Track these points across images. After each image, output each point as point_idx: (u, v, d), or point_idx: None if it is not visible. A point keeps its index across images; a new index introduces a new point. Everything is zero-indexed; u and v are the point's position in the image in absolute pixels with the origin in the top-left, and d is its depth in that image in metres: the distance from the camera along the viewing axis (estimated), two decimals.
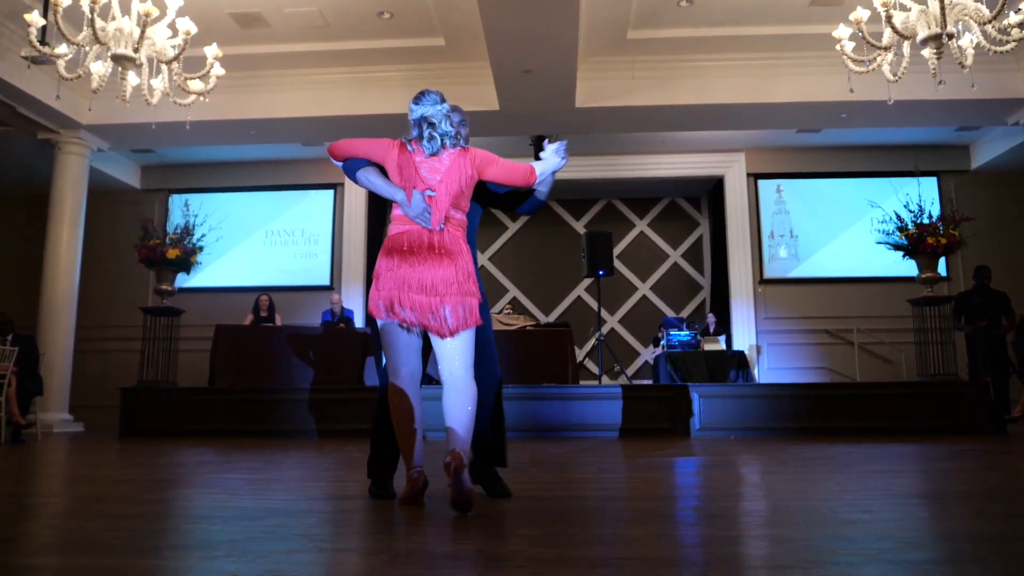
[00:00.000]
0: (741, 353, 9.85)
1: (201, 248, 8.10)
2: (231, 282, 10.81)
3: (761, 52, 8.15)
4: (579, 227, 12.21)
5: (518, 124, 8.89)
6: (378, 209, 11.39)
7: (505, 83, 7.79)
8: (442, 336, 2.60)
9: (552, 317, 11.94)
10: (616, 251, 12.03)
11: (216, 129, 8.89)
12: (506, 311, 9.97)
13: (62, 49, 5.65)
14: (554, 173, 2.99)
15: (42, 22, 5.39)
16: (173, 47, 5.70)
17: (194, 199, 11.08)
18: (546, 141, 3.22)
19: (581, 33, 7.61)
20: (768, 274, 10.59)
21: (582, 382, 9.43)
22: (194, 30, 5.66)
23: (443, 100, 2.76)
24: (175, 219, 10.99)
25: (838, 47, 5.76)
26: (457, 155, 2.70)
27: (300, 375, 8.13)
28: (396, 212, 2.71)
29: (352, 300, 10.70)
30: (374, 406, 3.05)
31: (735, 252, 10.60)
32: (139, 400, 7.47)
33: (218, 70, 6.08)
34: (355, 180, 2.78)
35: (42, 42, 5.79)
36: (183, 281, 10.75)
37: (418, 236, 2.60)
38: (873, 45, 5.48)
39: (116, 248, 10.45)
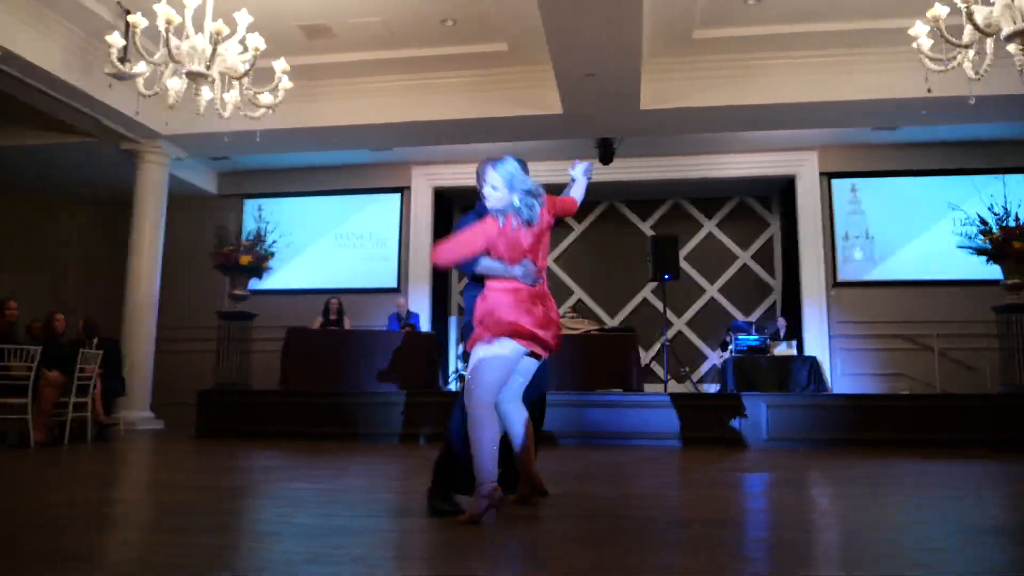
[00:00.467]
0: (813, 359, 9.57)
1: (272, 254, 8.34)
2: (302, 284, 11.07)
3: (832, 49, 7.88)
4: (645, 228, 12.05)
5: (582, 127, 8.83)
6: (443, 212, 11.49)
7: (568, 87, 7.74)
8: (539, 358, 3.07)
9: (617, 320, 11.84)
10: (683, 252, 11.83)
11: (286, 137, 9.11)
12: (569, 314, 9.93)
13: (141, 67, 5.89)
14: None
15: (122, 42, 5.62)
16: (243, 63, 5.87)
17: (267, 204, 11.45)
18: (576, 162, 3.39)
19: (645, 35, 7.51)
20: (842, 277, 10.24)
21: (647, 387, 9.34)
22: (263, 46, 5.81)
23: (522, 163, 3.13)
24: (249, 224, 11.36)
25: (914, 45, 5.50)
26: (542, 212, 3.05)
27: (368, 378, 8.28)
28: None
29: (418, 302, 10.84)
30: (453, 422, 3.14)
31: (807, 254, 10.28)
32: (214, 401, 7.76)
33: (286, 83, 6.23)
34: (476, 274, 3.05)
35: (122, 60, 6.06)
36: (256, 284, 11.10)
37: (528, 289, 2.97)
38: (952, 43, 5.22)
39: (195, 252, 10.82)
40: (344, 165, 11.20)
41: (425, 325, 10.72)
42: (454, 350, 11.43)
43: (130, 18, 5.43)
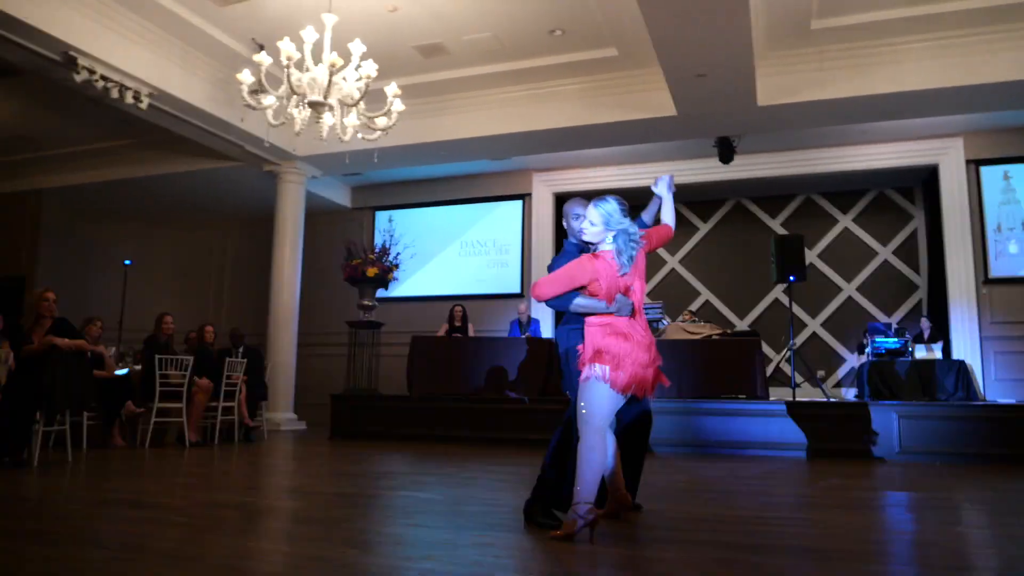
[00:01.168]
0: (961, 363, 8.86)
1: (397, 265, 8.76)
2: (430, 291, 11.53)
3: (968, 28, 7.27)
4: (775, 225, 11.59)
5: (698, 127, 8.65)
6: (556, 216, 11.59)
7: (680, 88, 7.62)
8: (640, 396, 3.13)
9: (747, 321, 11.47)
10: (817, 249, 11.31)
11: (408, 152, 9.54)
12: (686, 318, 9.75)
13: (269, 100, 6.40)
14: None
15: (251, 79, 6.12)
16: (358, 90, 6.24)
17: (397, 215, 12.02)
18: (656, 179, 3.37)
19: (760, 29, 7.27)
20: (994, 273, 9.39)
21: (775, 394, 9.00)
22: (374, 73, 6.15)
23: (622, 204, 3.18)
24: (380, 235, 11.97)
25: None
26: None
27: (490, 383, 8.52)
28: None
29: (541, 308, 10.99)
30: (558, 442, 3.33)
31: (953, 249, 9.51)
32: (346, 405, 8.27)
33: (398, 106, 6.54)
34: (571, 311, 3.14)
35: (256, 93, 6.59)
36: (385, 292, 11.68)
37: (628, 322, 3.05)
38: None
39: (332, 263, 11.52)
40: (467, 175, 11.55)
41: (547, 331, 10.87)
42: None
43: (255, 57, 5.91)
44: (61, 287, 11.12)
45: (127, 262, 10.34)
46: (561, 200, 11.55)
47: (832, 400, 7.50)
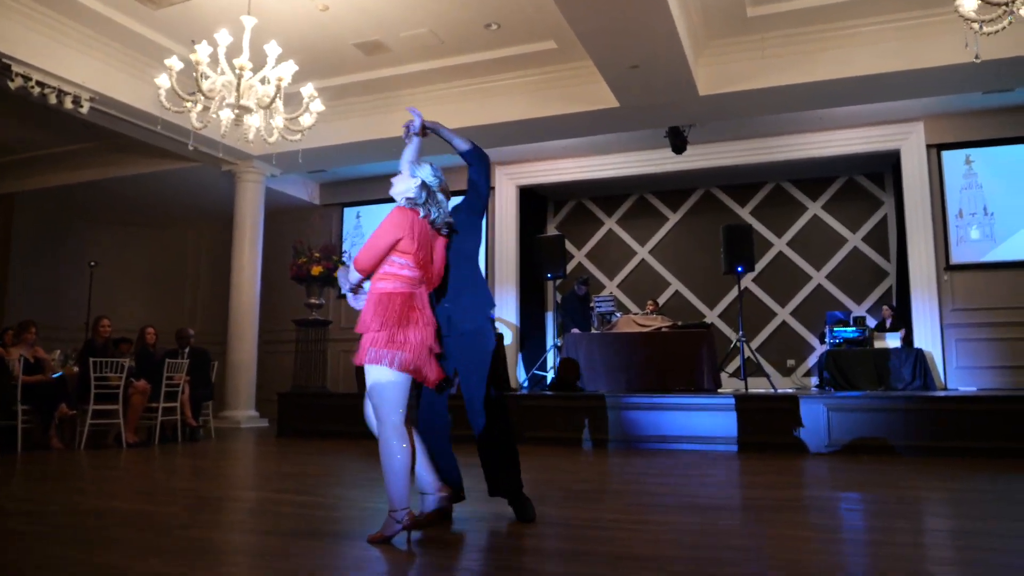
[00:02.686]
0: (919, 351, 8.74)
1: (343, 264, 8.76)
2: None
3: (910, 12, 7.11)
4: (744, 214, 11.46)
5: (644, 118, 8.55)
6: (532, 210, 11.54)
7: (616, 80, 7.53)
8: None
9: (717, 311, 11.37)
10: (786, 238, 11.17)
11: (362, 149, 9.54)
12: (650, 308, 9.70)
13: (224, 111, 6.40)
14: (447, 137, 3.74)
15: (168, 83, 6.14)
16: (270, 92, 6.25)
17: (365, 211, 12.05)
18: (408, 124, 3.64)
19: (695, 18, 7.17)
20: (956, 259, 9.20)
21: (735, 388, 8.92)
22: (288, 76, 6.15)
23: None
24: (348, 231, 12.02)
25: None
26: None
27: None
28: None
29: (505, 301, 10.98)
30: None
31: (915, 235, 9.33)
32: (293, 403, 8.33)
33: (317, 106, 6.56)
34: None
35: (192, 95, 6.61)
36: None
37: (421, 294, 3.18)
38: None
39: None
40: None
41: (509, 327, 10.86)
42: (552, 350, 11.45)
43: (166, 62, 5.94)
44: (34, 290, 11.38)
45: (91, 263, 10.47)
46: (525, 194, 11.52)
47: (766, 392, 7.39)
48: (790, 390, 9.04)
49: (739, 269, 8.41)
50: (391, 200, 3.36)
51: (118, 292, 12.01)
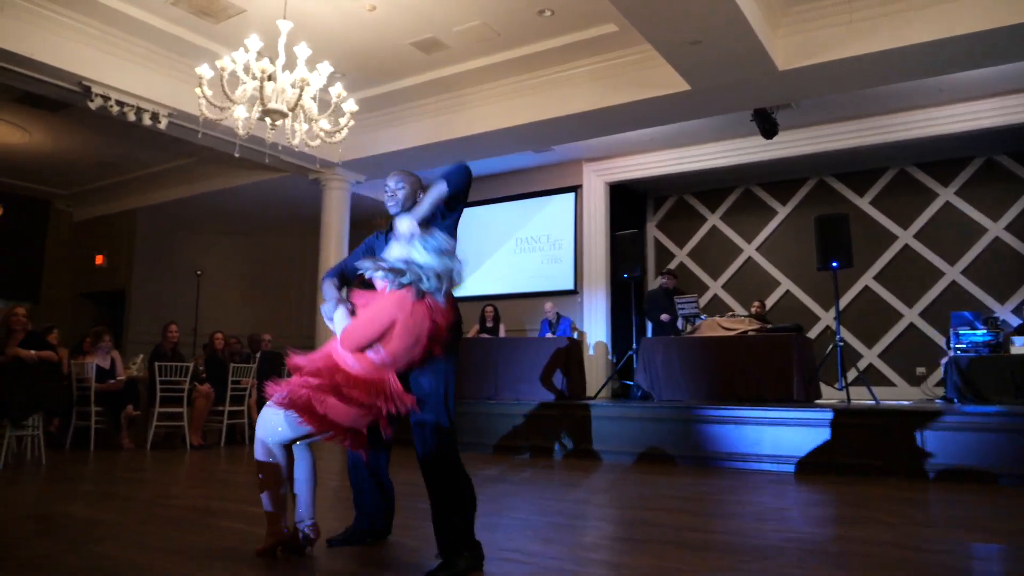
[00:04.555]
0: None
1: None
2: (488, 291, 11.31)
3: None
4: (863, 204, 10.27)
5: (721, 100, 7.78)
6: (623, 206, 10.95)
7: (678, 60, 6.87)
8: None
9: (832, 312, 10.23)
10: (913, 229, 9.88)
11: (436, 151, 9.39)
12: (756, 310, 8.88)
13: (240, 112, 6.48)
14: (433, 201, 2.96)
15: (210, 92, 6.23)
16: (312, 97, 6.22)
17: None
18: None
19: None
20: None
21: (837, 400, 7.95)
22: (316, 83, 6.10)
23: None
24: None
25: None
26: None
27: (505, 386, 8.20)
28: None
29: (594, 305, 10.46)
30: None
31: None
32: None
33: (351, 106, 6.46)
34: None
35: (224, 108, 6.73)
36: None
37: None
38: None
39: None
40: (520, 169, 11.24)
41: (599, 330, 10.33)
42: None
43: (197, 71, 6.03)
44: (151, 298, 12.18)
45: (198, 272, 11.04)
46: (618, 191, 10.94)
47: (869, 405, 6.41)
48: (907, 402, 7.93)
49: (834, 264, 7.43)
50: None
51: (223, 299, 12.64)
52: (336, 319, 2.86)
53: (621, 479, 5.49)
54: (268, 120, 6.40)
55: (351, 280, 3.22)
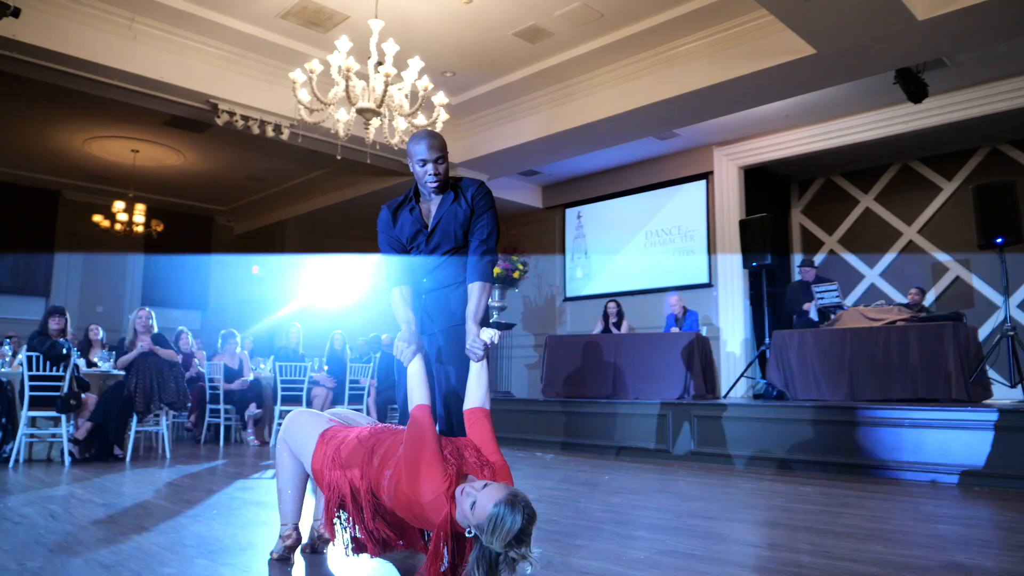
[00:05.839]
0: None
1: (524, 263, 8.41)
2: (616, 287, 10.89)
3: None
4: None
5: (854, 64, 6.91)
6: (760, 192, 10.13)
7: (795, 21, 6.17)
8: None
9: (1015, 300, 8.88)
10: None
11: (552, 143, 9.14)
12: (914, 297, 7.89)
13: (341, 114, 6.60)
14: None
15: (308, 97, 6.37)
16: (406, 97, 6.21)
17: (585, 210, 11.62)
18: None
19: None
20: None
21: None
22: (409, 78, 6.08)
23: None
24: (571, 232, 11.69)
25: None
26: None
27: (625, 385, 7.78)
28: None
29: (729, 298, 9.75)
30: None
31: None
32: None
33: (441, 98, 6.38)
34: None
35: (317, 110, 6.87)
36: (581, 288, 11.34)
37: None
38: None
39: (531, 266, 11.41)
40: (648, 159, 10.74)
41: (736, 325, 9.61)
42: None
43: (290, 75, 6.17)
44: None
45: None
46: (754, 176, 10.15)
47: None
48: None
49: (998, 240, 6.36)
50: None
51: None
52: (413, 376, 2.52)
53: (760, 489, 4.94)
54: (363, 120, 6.46)
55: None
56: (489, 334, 2.65)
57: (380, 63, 6.16)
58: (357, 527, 2.48)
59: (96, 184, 12.08)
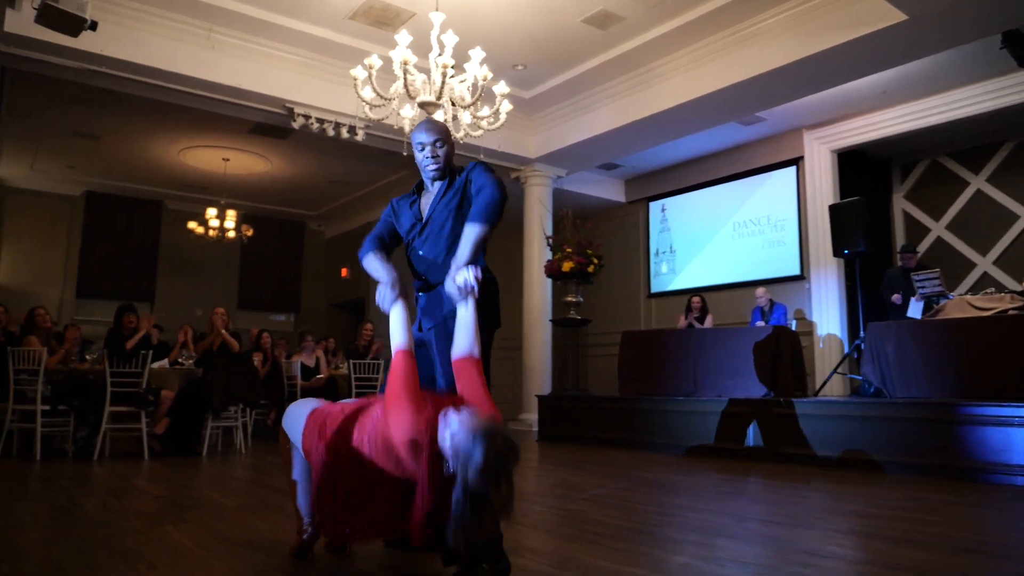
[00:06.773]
0: None
1: (599, 258, 8.14)
2: (704, 281, 10.44)
3: None
4: None
5: (951, 28, 6.29)
6: (856, 177, 9.47)
7: None
8: None
9: None
10: None
11: (629, 133, 8.84)
12: (987, 290, 7.11)
13: (407, 111, 6.57)
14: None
15: (371, 94, 6.37)
16: (468, 90, 6.11)
17: (669, 203, 11.24)
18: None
19: None
20: None
21: None
22: (472, 70, 5.99)
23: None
24: (655, 227, 11.33)
25: None
26: None
27: (706, 381, 7.41)
28: None
29: (824, 291, 9.15)
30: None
31: None
32: (552, 407, 7.98)
33: (502, 88, 6.23)
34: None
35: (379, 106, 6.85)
36: (666, 284, 10.97)
37: None
38: None
39: (610, 261, 11.11)
40: (734, 146, 10.26)
41: (831, 318, 9.02)
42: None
43: (351, 72, 6.17)
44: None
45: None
46: (850, 159, 9.52)
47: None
48: None
49: None
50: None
51: None
52: (393, 321, 2.45)
53: (840, 492, 4.56)
54: (428, 115, 6.40)
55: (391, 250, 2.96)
56: (465, 274, 2.42)
57: (440, 55, 6.10)
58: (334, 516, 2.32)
59: (193, 193, 12.65)
